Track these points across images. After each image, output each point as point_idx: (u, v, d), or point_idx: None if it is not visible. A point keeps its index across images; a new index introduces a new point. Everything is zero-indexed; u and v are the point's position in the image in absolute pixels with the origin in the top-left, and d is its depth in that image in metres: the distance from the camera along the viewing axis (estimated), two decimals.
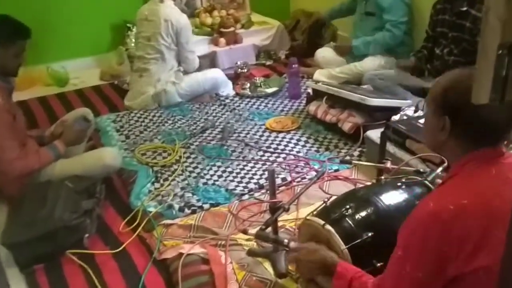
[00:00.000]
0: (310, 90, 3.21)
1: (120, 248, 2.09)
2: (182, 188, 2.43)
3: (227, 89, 3.58)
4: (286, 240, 1.69)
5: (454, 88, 1.17)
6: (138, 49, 3.46)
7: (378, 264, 1.46)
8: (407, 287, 1.18)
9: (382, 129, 2.52)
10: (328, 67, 3.65)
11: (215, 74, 3.52)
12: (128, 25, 4.21)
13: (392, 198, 1.65)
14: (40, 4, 3.95)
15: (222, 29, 4.03)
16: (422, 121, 2.46)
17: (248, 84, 3.60)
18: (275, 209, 1.79)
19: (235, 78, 3.73)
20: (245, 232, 1.86)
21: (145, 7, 3.43)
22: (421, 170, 1.92)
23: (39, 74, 3.93)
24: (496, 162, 1.17)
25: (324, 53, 3.80)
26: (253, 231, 1.83)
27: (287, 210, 1.81)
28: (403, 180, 1.76)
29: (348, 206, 1.61)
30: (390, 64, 3.43)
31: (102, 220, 2.27)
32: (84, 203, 2.16)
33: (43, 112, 3.48)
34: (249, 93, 3.53)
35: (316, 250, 1.50)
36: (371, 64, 3.44)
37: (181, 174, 2.56)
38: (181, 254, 1.97)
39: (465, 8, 2.85)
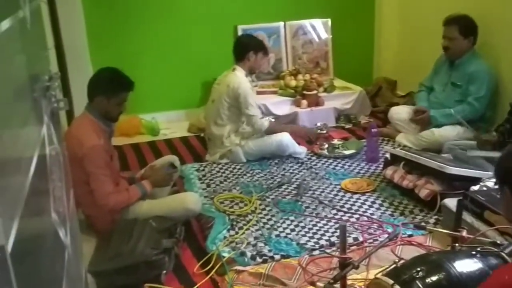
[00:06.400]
0: (388, 155, 3.24)
1: None
2: (255, 238, 2.52)
3: (299, 151, 3.58)
4: None
5: None
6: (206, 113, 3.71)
7: None
8: None
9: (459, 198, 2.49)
10: (401, 125, 3.76)
11: (282, 137, 3.53)
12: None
13: (466, 266, 1.64)
14: (140, 62, 4.36)
15: (305, 92, 4.21)
16: None
17: (327, 145, 3.69)
18: (345, 265, 1.83)
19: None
20: (313, 284, 1.90)
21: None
22: (498, 242, 1.89)
23: (134, 123, 4.29)
24: None
25: (398, 110, 3.87)
26: (321, 284, 1.87)
27: (356, 268, 1.84)
28: (479, 249, 1.74)
29: (419, 269, 1.61)
30: (468, 133, 3.38)
31: (179, 259, 2.40)
32: (164, 241, 2.32)
33: (135, 157, 3.78)
34: (327, 154, 3.61)
35: None
36: (451, 132, 3.43)
37: (255, 225, 2.66)
38: None
39: None
